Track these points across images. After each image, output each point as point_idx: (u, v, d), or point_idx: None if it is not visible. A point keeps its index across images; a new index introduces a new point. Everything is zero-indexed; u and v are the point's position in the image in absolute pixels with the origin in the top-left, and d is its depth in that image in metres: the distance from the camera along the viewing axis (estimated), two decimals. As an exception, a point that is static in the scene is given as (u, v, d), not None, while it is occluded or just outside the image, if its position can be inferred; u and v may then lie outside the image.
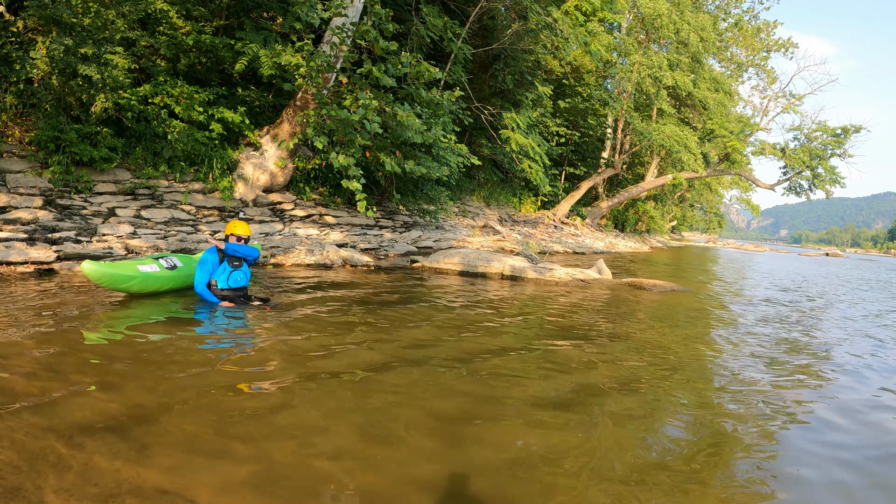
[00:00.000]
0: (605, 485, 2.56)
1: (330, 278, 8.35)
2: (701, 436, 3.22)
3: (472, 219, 19.90)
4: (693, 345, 5.63)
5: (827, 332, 7.13)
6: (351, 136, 9.80)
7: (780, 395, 4.11)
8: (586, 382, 4.04)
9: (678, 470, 2.75)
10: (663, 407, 3.65)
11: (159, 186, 9.79)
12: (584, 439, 3.01)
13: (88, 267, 5.22)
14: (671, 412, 3.58)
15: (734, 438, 3.23)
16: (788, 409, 3.79)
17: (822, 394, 4.24)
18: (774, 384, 4.37)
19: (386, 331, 5.20)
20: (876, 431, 3.57)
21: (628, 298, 8.67)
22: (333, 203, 12.90)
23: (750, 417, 3.58)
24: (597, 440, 3.02)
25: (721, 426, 3.39)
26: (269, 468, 2.46)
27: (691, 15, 27.57)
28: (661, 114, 29.24)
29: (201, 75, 11.19)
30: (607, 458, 2.81)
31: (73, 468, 2.33)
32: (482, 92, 18.72)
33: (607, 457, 2.83)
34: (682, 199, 50.55)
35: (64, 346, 3.91)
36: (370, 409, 3.21)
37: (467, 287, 8.74)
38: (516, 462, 2.71)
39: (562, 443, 2.96)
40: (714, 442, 3.15)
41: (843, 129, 28.49)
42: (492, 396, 3.59)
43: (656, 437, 3.16)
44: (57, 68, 8.32)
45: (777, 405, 3.86)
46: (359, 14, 11.27)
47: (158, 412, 2.94)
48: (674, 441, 3.12)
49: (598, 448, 2.92)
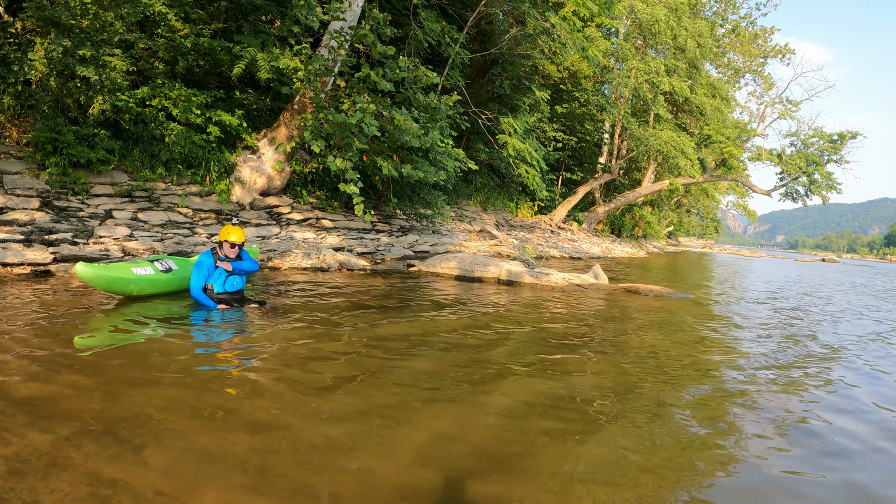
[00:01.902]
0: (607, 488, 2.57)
1: (326, 282, 8.36)
2: (708, 444, 3.23)
3: (468, 223, 19.93)
4: (687, 350, 5.65)
5: (825, 336, 7.14)
6: (348, 139, 9.82)
7: (783, 400, 4.12)
8: (583, 388, 4.05)
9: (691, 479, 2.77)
10: (662, 413, 3.67)
11: (156, 189, 9.79)
12: (585, 444, 3.03)
13: (82, 269, 5.22)
14: (670, 418, 3.59)
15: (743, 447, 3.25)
16: (796, 416, 3.81)
17: (832, 399, 4.25)
18: (774, 390, 4.39)
19: (381, 334, 5.21)
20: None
21: (624, 304, 8.69)
22: (330, 207, 12.91)
23: (754, 425, 3.60)
24: (596, 446, 3.03)
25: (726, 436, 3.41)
26: (266, 470, 2.47)
27: (689, 21, 27.68)
28: (658, 119, 29.31)
29: (199, 78, 11.20)
30: (607, 465, 2.83)
31: (69, 470, 2.34)
32: (479, 97, 18.75)
33: (608, 464, 2.85)
34: (679, 204, 50.64)
35: (59, 348, 3.91)
36: (366, 413, 3.22)
37: (463, 291, 8.76)
38: (516, 469, 2.73)
39: (564, 451, 2.97)
40: (728, 451, 3.16)
41: (839, 134, 28.57)
42: (487, 401, 3.60)
43: (658, 444, 3.18)
44: (55, 70, 8.32)
45: (780, 411, 3.88)
46: (357, 18, 11.30)
47: (154, 414, 2.94)
48: (677, 446, 3.13)
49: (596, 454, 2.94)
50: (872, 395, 4.49)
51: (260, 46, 10.89)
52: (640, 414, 3.59)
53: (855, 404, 4.20)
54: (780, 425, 3.60)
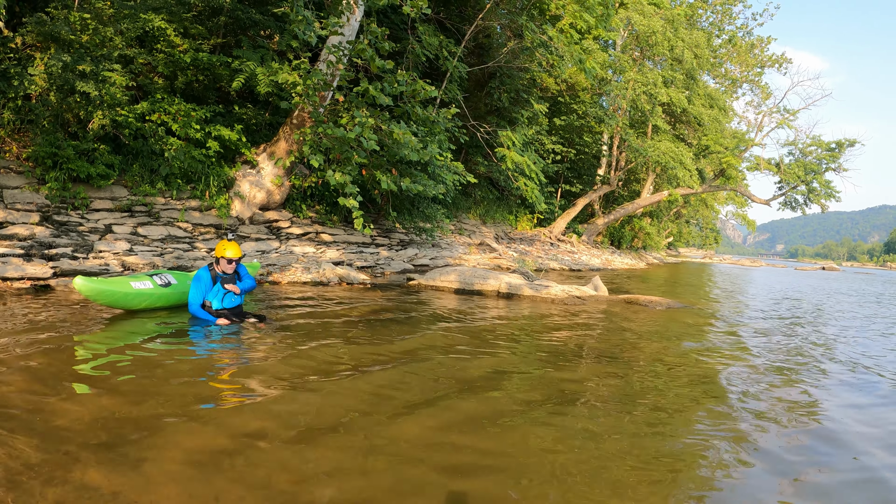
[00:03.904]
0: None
1: (326, 296, 8.35)
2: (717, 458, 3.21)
3: (468, 237, 19.94)
4: (690, 361, 5.63)
5: (828, 345, 7.11)
6: (347, 153, 9.83)
7: (786, 407, 4.10)
8: (584, 398, 4.04)
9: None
10: (662, 423, 3.65)
11: (156, 203, 9.81)
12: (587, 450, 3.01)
13: (81, 283, 5.21)
14: (670, 429, 3.57)
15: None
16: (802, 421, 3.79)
17: (836, 406, 4.24)
18: (777, 398, 4.37)
19: (381, 348, 5.20)
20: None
21: (624, 315, 8.67)
22: (330, 221, 12.92)
23: (758, 432, 3.58)
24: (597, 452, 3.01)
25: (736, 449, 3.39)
26: (266, 484, 2.45)
27: (685, 32, 27.85)
28: (657, 130, 29.41)
29: (198, 93, 11.26)
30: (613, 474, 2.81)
31: (67, 482, 2.32)
32: (478, 110, 18.83)
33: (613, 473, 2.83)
34: (678, 215, 50.71)
35: (58, 362, 3.90)
36: (365, 428, 3.20)
37: (464, 305, 8.74)
38: (515, 477, 2.71)
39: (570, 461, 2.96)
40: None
41: (837, 143, 28.66)
42: (487, 415, 3.59)
43: (663, 457, 3.16)
44: (55, 85, 8.37)
45: (783, 418, 3.86)
46: (355, 33, 11.36)
47: (153, 427, 2.93)
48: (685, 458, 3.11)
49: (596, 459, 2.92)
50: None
51: (259, 61, 10.95)
52: (639, 424, 3.56)
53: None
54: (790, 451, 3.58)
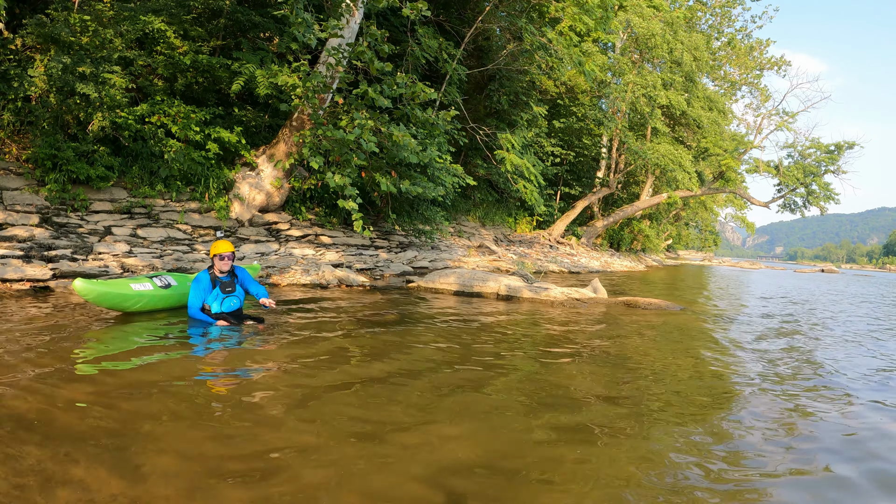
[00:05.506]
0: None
1: (325, 298, 8.35)
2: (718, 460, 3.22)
3: (467, 239, 19.94)
4: (688, 362, 5.63)
5: (825, 348, 7.11)
6: (347, 156, 9.84)
7: (787, 410, 4.11)
8: (585, 402, 4.04)
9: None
10: (662, 426, 3.65)
11: (155, 205, 9.81)
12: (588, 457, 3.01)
13: (81, 285, 5.21)
14: (671, 432, 3.57)
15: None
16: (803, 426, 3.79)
17: (837, 412, 4.24)
18: (778, 399, 4.37)
19: (380, 350, 5.20)
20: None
21: (624, 317, 8.68)
22: (329, 223, 12.92)
23: (759, 434, 3.58)
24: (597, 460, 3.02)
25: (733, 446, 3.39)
26: (265, 488, 2.45)
27: (685, 34, 27.91)
28: (656, 133, 29.45)
29: (198, 95, 11.26)
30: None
31: (68, 485, 2.32)
32: (477, 112, 18.84)
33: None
34: (678, 217, 50.74)
35: (58, 364, 3.90)
36: (365, 430, 3.20)
37: (463, 307, 8.75)
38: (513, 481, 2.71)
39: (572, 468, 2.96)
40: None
41: (836, 145, 28.70)
42: (486, 416, 3.59)
43: (663, 460, 3.16)
44: (55, 86, 8.38)
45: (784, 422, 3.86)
46: (355, 35, 11.38)
47: (152, 430, 2.92)
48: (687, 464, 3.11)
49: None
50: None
51: (258, 63, 10.96)
52: (639, 427, 3.57)
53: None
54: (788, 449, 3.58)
